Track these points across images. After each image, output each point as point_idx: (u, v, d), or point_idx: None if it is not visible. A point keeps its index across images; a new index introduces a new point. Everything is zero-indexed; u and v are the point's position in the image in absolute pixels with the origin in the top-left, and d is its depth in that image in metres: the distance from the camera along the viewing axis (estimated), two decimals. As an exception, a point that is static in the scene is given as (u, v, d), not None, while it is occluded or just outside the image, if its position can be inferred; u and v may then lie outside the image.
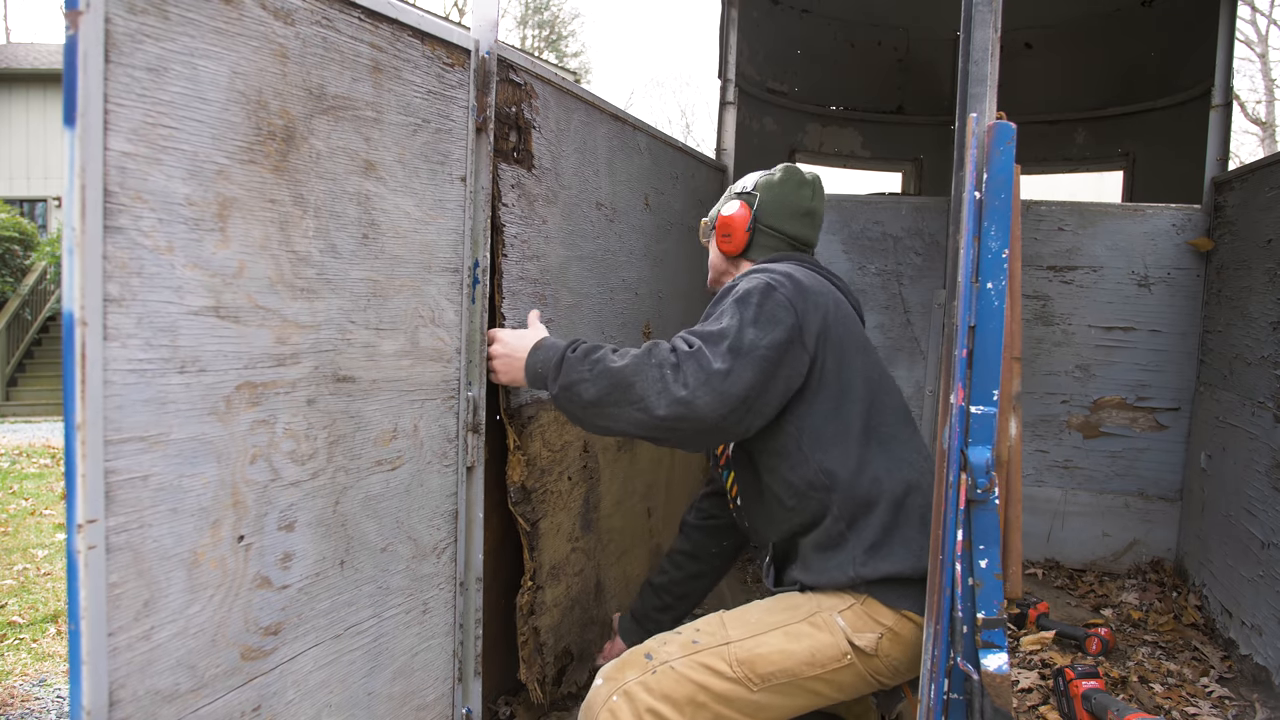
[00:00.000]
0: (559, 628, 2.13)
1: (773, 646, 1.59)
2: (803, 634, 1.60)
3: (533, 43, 26.30)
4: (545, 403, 2.07)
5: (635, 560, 2.69)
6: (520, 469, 1.95)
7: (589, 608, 2.32)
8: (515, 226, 1.91)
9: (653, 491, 2.82)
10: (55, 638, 3.32)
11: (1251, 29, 18.39)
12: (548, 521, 2.07)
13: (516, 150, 1.91)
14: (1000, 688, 1.41)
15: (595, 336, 2.36)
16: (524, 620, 2.01)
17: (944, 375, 1.49)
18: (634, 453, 2.63)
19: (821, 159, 4.96)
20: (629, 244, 2.59)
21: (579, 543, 2.24)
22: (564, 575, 2.16)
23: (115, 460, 1.01)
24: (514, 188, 1.90)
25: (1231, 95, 3.37)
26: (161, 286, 1.05)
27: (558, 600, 2.12)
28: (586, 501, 2.27)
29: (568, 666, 2.20)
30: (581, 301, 2.27)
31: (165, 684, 1.09)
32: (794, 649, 1.59)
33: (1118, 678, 2.47)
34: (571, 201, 2.18)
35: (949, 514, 1.45)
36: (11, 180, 15.73)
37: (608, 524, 2.43)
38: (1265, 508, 2.48)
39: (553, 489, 2.09)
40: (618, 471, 2.50)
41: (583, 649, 2.28)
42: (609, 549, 2.46)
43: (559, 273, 2.14)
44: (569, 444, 2.18)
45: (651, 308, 2.81)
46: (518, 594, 2.00)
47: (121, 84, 0.99)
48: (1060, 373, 3.43)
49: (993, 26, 1.47)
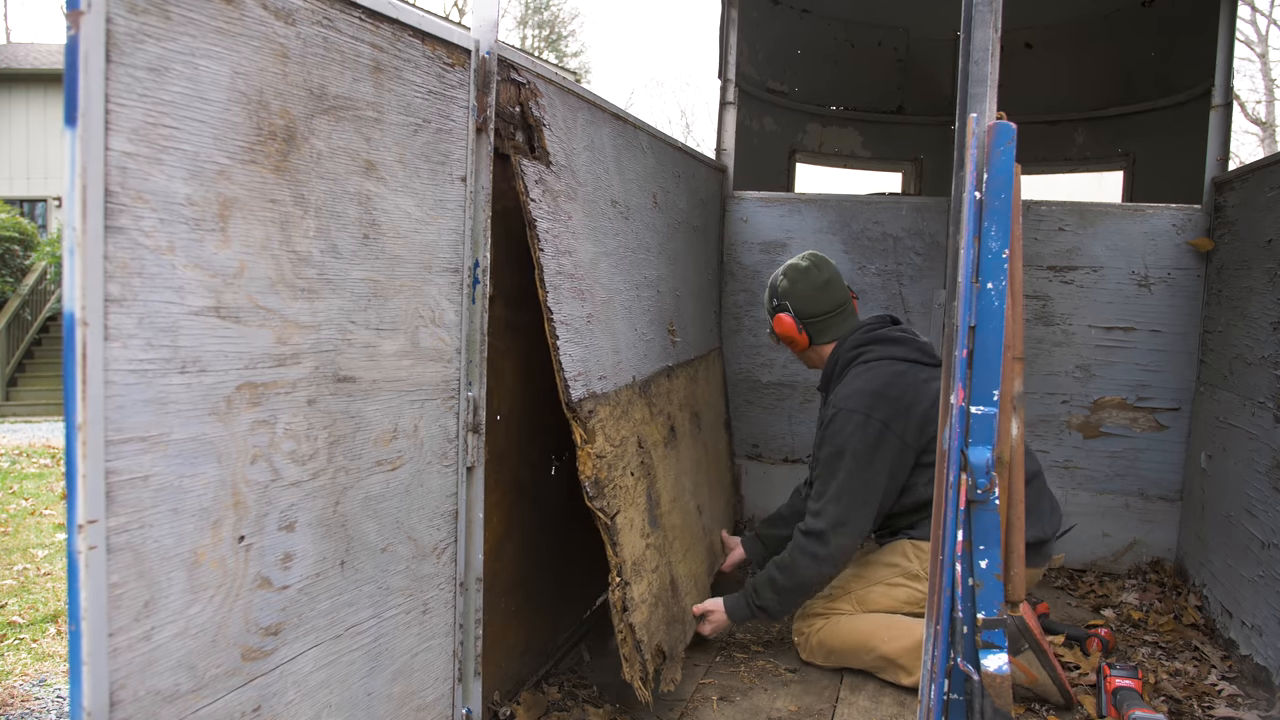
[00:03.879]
0: (649, 624, 2.09)
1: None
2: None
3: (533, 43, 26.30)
4: (601, 397, 2.06)
5: (697, 558, 2.66)
6: (591, 463, 1.93)
7: (670, 605, 2.29)
8: (545, 222, 1.91)
9: (698, 490, 2.81)
10: (55, 638, 3.32)
11: (1251, 29, 18.40)
12: (623, 516, 2.05)
13: (532, 147, 1.91)
14: (1000, 688, 1.42)
15: (629, 333, 2.35)
16: (619, 617, 1.97)
17: (944, 375, 1.49)
18: (678, 451, 2.62)
19: (821, 159, 4.96)
20: (645, 241, 2.59)
21: (650, 539, 2.22)
22: (644, 571, 2.13)
23: (116, 460, 1.01)
24: (538, 183, 1.90)
25: (1231, 95, 3.36)
26: (162, 287, 1.05)
27: (644, 597, 2.09)
28: (649, 497, 2.26)
29: (661, 665, 2.16)
30: (613, 297, 2.27)
31: (165, 684, 1.09)
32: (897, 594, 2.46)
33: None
34: (589, 198, 2.18)
35: (949, 514, 1.45)
36: (11, 180, 15.73)
37: (669, 521, 2.41)
38: (1265, 508, 2.48)
39: (619, 484, 2.07)
40: (669, 468, 2.49)
41: (672, 647, 2.24)
42: (675, 546, 2.44)
43: (590, 268, 2.14)
44: (626, 439, 2.16)
45: (672, 306, 2.81)
46: (608, 590, 1.97)
47: (122, 84, 0.99)
48: (1060, 373, 3.43)
49: (993, 26, 1.47)
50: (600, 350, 2.12)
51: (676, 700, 2.29)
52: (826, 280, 2.58)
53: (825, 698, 2.34)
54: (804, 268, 2.59)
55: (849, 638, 2.45)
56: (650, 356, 2.51)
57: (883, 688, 2.39)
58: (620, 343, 2.28)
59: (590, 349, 2.06)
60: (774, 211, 3.71)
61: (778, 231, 3.70)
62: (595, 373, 2.07)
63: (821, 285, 2.58)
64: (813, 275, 2.58)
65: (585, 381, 2.00)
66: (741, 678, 2.43)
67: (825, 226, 3.67)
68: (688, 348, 2.94)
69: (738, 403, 3.74)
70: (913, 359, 2.48)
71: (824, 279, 2.58)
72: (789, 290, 2.59)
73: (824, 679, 2.45)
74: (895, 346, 2.51)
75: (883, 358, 2.48)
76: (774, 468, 3.77)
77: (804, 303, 2.57)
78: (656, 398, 2.50)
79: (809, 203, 3.70)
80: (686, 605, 2.43)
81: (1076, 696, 2.31)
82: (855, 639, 2.44)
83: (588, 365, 2.03)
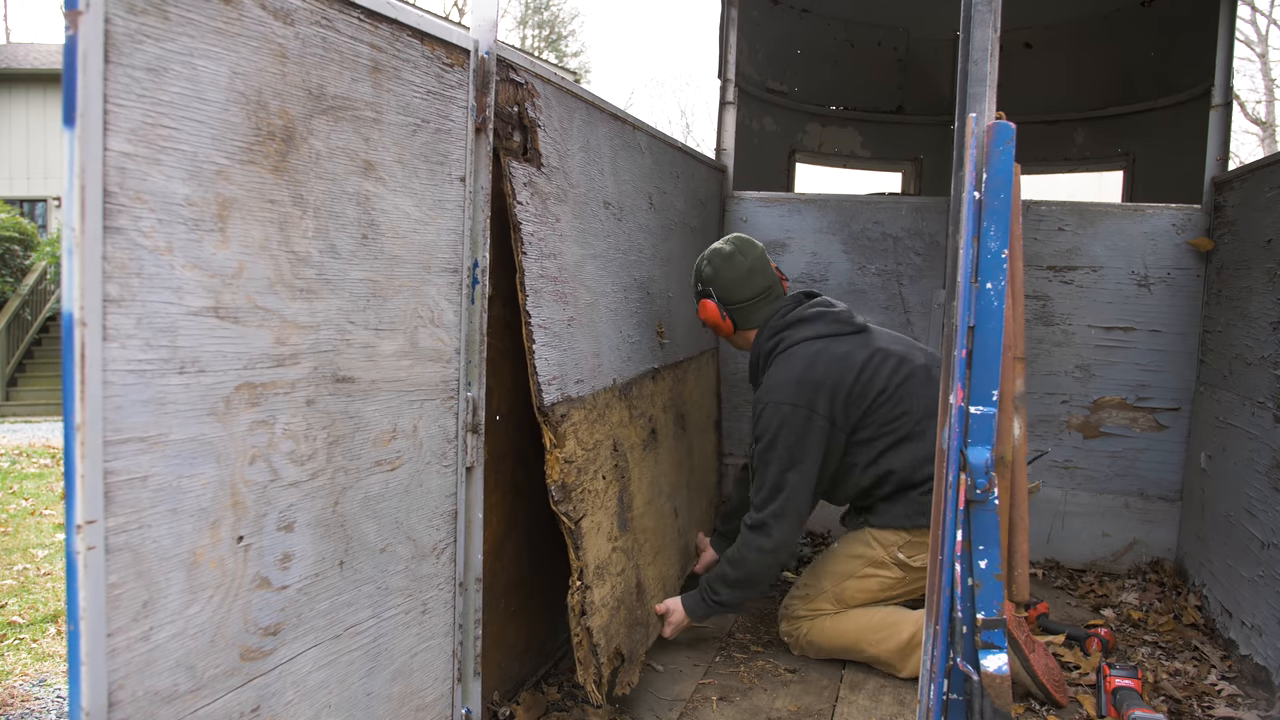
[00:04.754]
0: (609, 628, 2.10)
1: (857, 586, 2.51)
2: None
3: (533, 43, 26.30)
4: (576, 400, 2.06)
5: (668, 560, 2.66)
6: (559, 467, 1.94)
7: (633, 608, 2.30)
8: (531, 224, 1.91)
9: (676, 492, 2.81)
10: (55, 638, 3.32)
11: (1251, 29, 18.39)
12: (589, 520, 2.05)
13: (525, 149, 1.91)
14: (1000, 688, 1.41)
15: (613, 336, 2.36)
16: (576, 621, 1.98)
17: (944, 375, 1.49)
18: (658, 453, 2.62)
19: (821, 159, 4.96)
20: (637, 243, 2.59)
21: (618, 542, 2.22)
22: (608, 575, 2.14)
23: (114, 461, 1.01)
24: (526, 186, 1.89)
25: (1231, 95, 3.36)
26: (161, 287, 1.05)
27: (605, 600, 2.10)
28: (621, 500, 2.27)
29: (619, 668, 2.17)
30: (598, 300, 2.27)
31: (164, 685, 1.09)
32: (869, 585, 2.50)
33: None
34: (581, 200, 2.18)
35: (948, 514, 1.45)
36: (11, 180, 15.73)
37: (641, 524, 2.42)
38: (1265, 508, 2.48)
39: (589, 487, 2.08)
40: (645, 471, 2.49)
41: (631, 650, 2.25)
42: (645, 549, 2.44)
43: (575, 271, 2.13)
44: (600, 442, 2.17)
45: (663, 307, 2.81)
46: (567, 595, 1.98)
47: (121, 84, 0.99)
48: (1060, 373, 3.43)
49: (992, 26, 1.47)
50: (579, 354, 2.12)
51: (676, 700, 2.29)
52: (750, 267, 2.53)
53: (825, 698, 2.34)
54: (727, 253, 2.54)
55: (837, 640, 2.48)
56: (634, 359, 2.51)
57: (882, 687, 2.40)
58: (603, 345, 2.28)
59: (568, 353, 2.06)
60: (774, 211, 3.71)
61: (778, 231, 3.70)
62: (572, 376, 2.07)
63: (745, 271, 2.53)
64: (736, 261, 2.52)
65: (560, 385, 2.00)
66: (741, 678, 2.43)
67: (825, 226, 3.67)
68: (677, 349, 2.94)
69: (734, 402, 3.74)
70: (829, 333, 2.46)
71: (747, 266, 2.53)
72: (712, 276, 2.54)
73: (824, 679, 2.45)
74: (809, 326, 2.48)
75: (798, 341, 2.46)
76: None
77: (727, 288, 2.53)
78: (638, 400, 2.50)
79: (809, 203, 3.70)
80: (651, 608, 2.45)
81: (1073, 695, 2.31)
82: (843, 641, 2.48)
83: (564, 369, 2.03)
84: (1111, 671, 2.24)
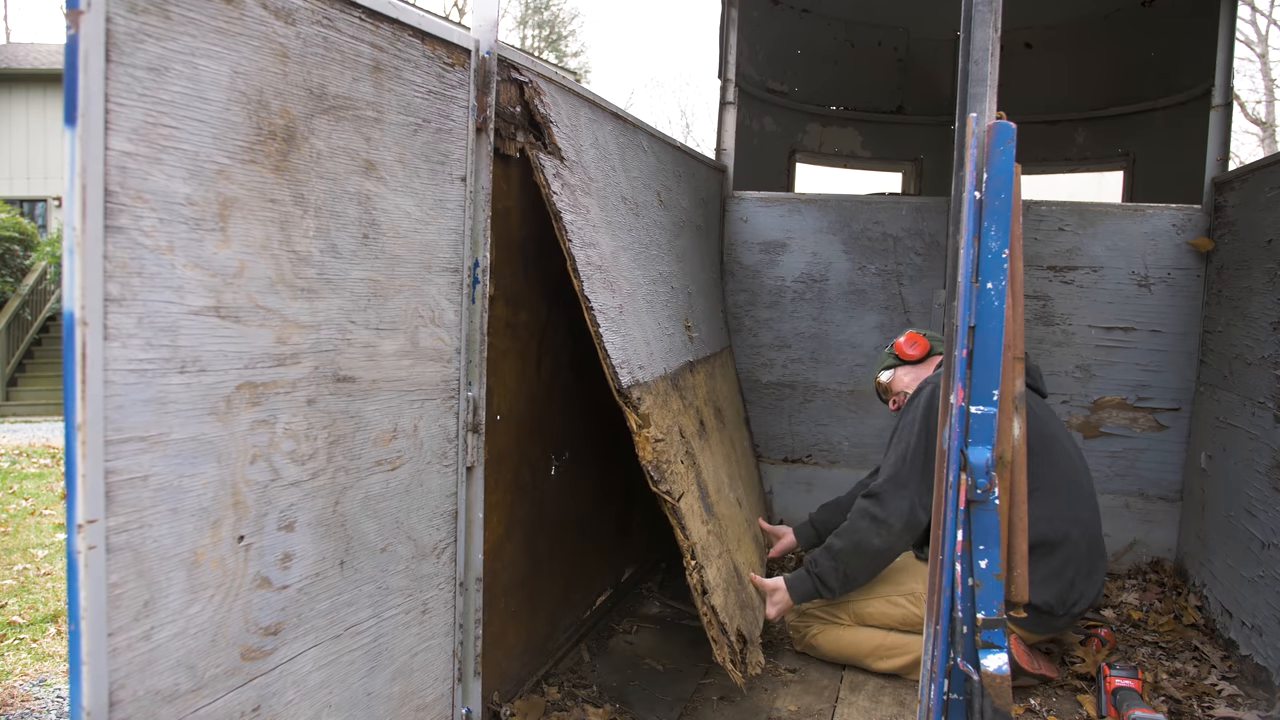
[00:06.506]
0: (727, 608, 2.08)
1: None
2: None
3: (533, 43, 26.30)
4: (644, 385, 2.06)
5: (749, 549, 2.66)
6: (650, 447, 1.93)
7: (739, 591, 2.28)
8: (569, 214, 1.92)
9: (735, 483, 2.80)
10: (55, 638, 3.32)
11: (1251, 29, 18.39)
12: (684, 502, 2.04)
13: (545, 142, 1.92)
14: (1000, 688, 1.41)
15: (654, 326, 2.35)
16: (701, 600, 1.96)
17: (944, 375, 1.49)
18: (709, 444, 2.62)
19: (821, 159, 4.95)
20: (655, 238, 2.59)
21: (708, 525, 2.21)
22: (711, 557, 2.12)
23: (115, 460, 1.01)
24: (556, 176, 1.90)
25: (1231, 95, 3.36)
26: (162, 286, 1.05)
27: (717, 581, 2.07)
28: (699, 485, 2.26)
29: (744, 649, 2.15)
30: (636, 290, 2.27)
31: (165, 684, 1.09)
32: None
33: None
34: (602, 194, 2.19)
35: (949, 514, 1.45)
36: (11, 180, 15.72)
37: (719, 510, 2.40)
38: (1265, 508, 2.48)
39: (675, 469, 2.07)
40: (707, 460, 2.48)
41: (750, 632, 2.23)
42: (729, 534, 2.43)
43: (613, 260, 2.14)
44: (670, 428, 2.16)
45: (685, 303, 2.81)
46: (685, 575, 1.96)
47: (122, 83, 0.99)
48: (1060, 373, 3.43)
49: (993, 26, 1.47)
50: (634, 340, 2.12)
51: (677, 700, 2.29)
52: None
53: (825, 698, 2.34)
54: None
55: (848, 650, 2.50)
56: (674, 350, 2.51)
57: (882, 688, 2.40)
58: (649, 335, 2.27)
59: (627, 338, 2.06)
60: (774, 211, 3.71)
61: (778, 231, 3.70)
62: (635, 361, 2.06)
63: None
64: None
65: (629, 370, 1.99)
66: (741, 678, 2.44)
67: (825, 226, 3.67)
68: (704, 344, 2.95)
69: (750, 398, 3.74)
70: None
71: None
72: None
73: (824, 679, 2.45)
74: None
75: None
76: (774, 468, 3.76)
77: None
78: (685, 391, 2.50)
79: (809, 203, 3.70)
80: (751, 593, 2.42)
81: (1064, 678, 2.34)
82: (854, 652, 2.49)
83: (628, 354, 2.02)
84: (1112, 671, 2.24)
